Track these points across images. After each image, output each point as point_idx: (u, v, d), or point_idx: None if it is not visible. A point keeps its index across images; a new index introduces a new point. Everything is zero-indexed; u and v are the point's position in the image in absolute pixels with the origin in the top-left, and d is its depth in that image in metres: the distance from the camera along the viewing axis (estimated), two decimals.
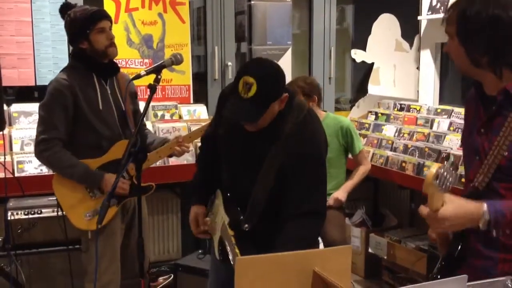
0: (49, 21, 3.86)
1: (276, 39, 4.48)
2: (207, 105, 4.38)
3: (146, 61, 4.16)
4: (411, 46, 4.86)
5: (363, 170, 3.76)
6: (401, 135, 4.24)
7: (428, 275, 3.56)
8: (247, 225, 2.15)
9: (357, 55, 4.99)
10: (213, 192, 2.39)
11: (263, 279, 1.40)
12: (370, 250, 4.18)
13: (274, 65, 2.12)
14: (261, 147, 2.12)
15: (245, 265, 1.41)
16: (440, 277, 1.67)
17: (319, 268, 1.43)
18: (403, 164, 3.87)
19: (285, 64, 4.45)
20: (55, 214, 2.87)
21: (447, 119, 4.11)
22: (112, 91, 2.83)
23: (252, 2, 4.38)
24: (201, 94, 4.49)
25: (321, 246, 3.23)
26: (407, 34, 4.87)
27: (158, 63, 2.56)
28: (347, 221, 4.15)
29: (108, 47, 2.74)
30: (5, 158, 3.23)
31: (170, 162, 3.79)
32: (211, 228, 2.36)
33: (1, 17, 3.75)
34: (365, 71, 5.06)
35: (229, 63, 4.41)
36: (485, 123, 1.72)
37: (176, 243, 4.25)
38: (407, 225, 4.47)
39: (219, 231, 2.30)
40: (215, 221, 2.37)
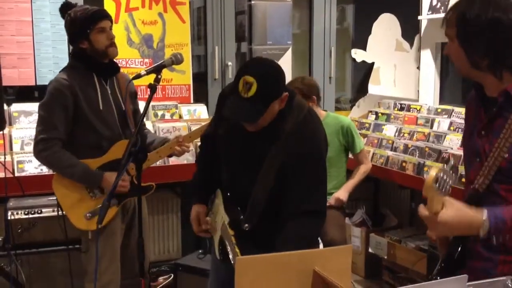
0: (49, 21, 3.86)
1: (276, 39, 4.48)
2: (207, 105, 4.38)
3: (146, 60, 4.16)
4: (411, 46, 4.86)
5: (364, 169, 3.75)
6: (402, 135, 4.24)
7: (428, 275, 3.57)
8: (247, 225, 2.15)
9: (358, 55, 4.99)
10: (213, 191, 2.39)
11: (263, 278, 1.40)
12: (370, 250, 4.18)
13: (274, 64, 2.11)
14: (261, 147, 2.12)
15: (245, 265, 1.41)
16: (440, 278, 1.66)
17: (319, 268, 1.42)
18: (404, 164, 3.87)
19: (285, 64, 4.45)
20: (55, 213, 2.87)
21: (447, 119, 4.11)
22: (112, 91, 2.83)
23: (252, 2, 4.38)
24: (201, 94, 4.48)
25: (321, 246, 3.22)
26: (408, 34, 4.87)
27: (158, 63, 2.56)
28: (347, 220, 4.15)
29: (108, 47, 2.74)
30: (5, 157, 3.23)
31: (170, 162, 3.79)
32: (212, 227, 2.36)
33: (2, 17, 3.75)
34: (365, 71, 5.05)
35: (229, 63, 4.41)
36: (485, 125, 1.71)
37: (176, 243, 4.25)
38: (407, 225, 4.47)
39: (219, 231, 2.30)
40: (215, 221, 2.37)
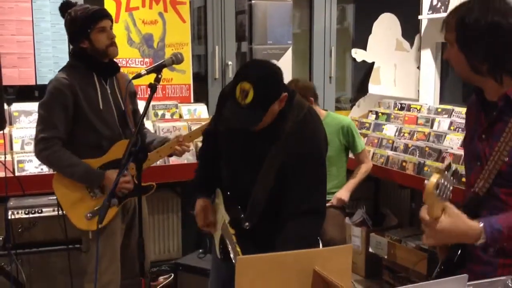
0: (49, 21, 3.85)
1: (276, 38, 4.48)
2: (207, 104, 4.38)
3: (146, 60, 4.16)
4: (411, 45, 4.86)
5: (365, 168, 3.76)
6: (402, 135, 4.23)
7: (428, 275, 3.57)
8: (247, 224, 2.15)
9: (358, 55, 4.99)
10: (215, 188, 2.39)
11: (264, 278, 1.40)
12: (370, 249, 4.18)
13: (270, 66, 2.09)
14: (261, 146, 2.12)
15: (246, 264, 1.41)
16: None
17: (319, 267, 1.43)
18: (404, 163, 3.87)
19: (285, 63, 4.45)
20: (56, 213, 2.87)
21: (447, 119, 4.11)
22: (112, 91, 2.83)
23: (252, 1, 4.38)
24: (201, 93, 4.48)
25: (321, 245, 3.22)
26: (408, 33, 4.87)
27: (158, 63, 2.55)
28: (347, 220, 4.15)
29: (109, 46, 2.73)
30: (5, 157, 3.23)
31: (170, 161, 3.79)
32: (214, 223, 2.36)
33: (2, 17, 3.75)
34: (365, 70, 5.05)
35: (230, 63, 4.41)
36: (486, 129, 1.72)
37: (176, 243, 4.25)
38: (407, 224, 4.46)
39: (220, 230, 2.31)
40: (216, 220, 2.37)
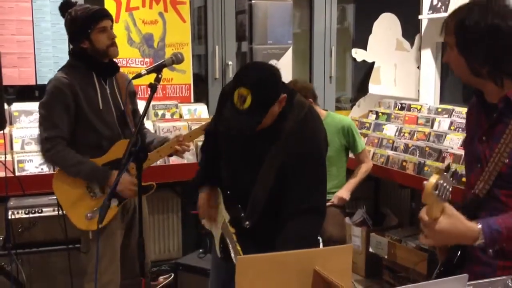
0: (49, 20, 3.85)
1: (276, 38, 4.48)
2: (207, 104, 4.38)
3: (146, 60, 4.15)
4: (411, 45, 4.86)
5: (365, 168, 3.76)
6: (402, 135, 4.23)
7: (428, 275, 3.57)
8: (248, 222, 2.14)
9: (358, 54, 4.98)
10: (217, 182, 2.38)
11: (264, 278, 1.40)
12: (370, 249, 4.18)
13: (267, 69, 2.08)
14: (261, 146, 2.12)
15: (246, 264, 1.41)
16: None
17: (319, 267, 1.43)
18: (404, 163, 3.87)
19: (285, 63, 4.46)
20: (56, 213, 2.86)
21: (447, 119, 4.11)
22: (111, 91, 2.82)
23: (252, 1, 4.38)
24: (201, 93, 4.48)
25: (321, 243, 3.22)
26: (408, 33, 4.86)
27: (158, 62, 2.55)
28: (347, 220, 4.15)
29: (109, 46, 2.72)
30: (5, 157, 3.23)
31: (170, 161, 3.79)
32: (214, 217, 2.36)
33: (2, 16, 3.75)
34: (365, 70, 5.05)
35: (230, 62, 4.41)
36: (486, 131, 1.72)
37: (176, 242, 4.25)
38: (407, 224, 4.46)
39: (220, 229, 2.30)
40: (216, 219, 2.37)
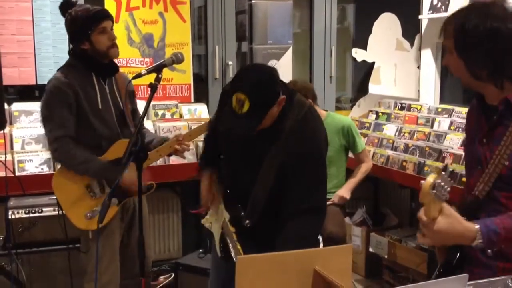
0: (50, 20, 3.85)
1: (276, 38, 4.48)
2: (207, 104, 4.38)
3: (146, 60, 4.15)
4: (412, 45, 4.85)
5: (365, 168, 3.77)
6: (402, 135, 4.23)
7: (428, 275, 3.57)
8: (248, 221, 2.14)
9: (358, 54, 4.98)
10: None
11: (264, 278, 1.40)
12: (370, 249, 4.18)
13: (265, 72, 2.08)
14: (261, 146, 2.12)
15: (246, 264, 1.41)
16: None
17: (319, 267, 1.43)
18: (404, 163, 3.87)
19: (285, 63, 4.46)
20: (56, 213, 2.87)
21: (447, 119, 4.10)
22: (110, 91, 2.82)
23: (253, 1, 4.38)
24: (201, 93, 4.48)
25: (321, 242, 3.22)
26: (408, 33, 4.86)
27: (158, 62, 2.55)
28: (347, 220, 4.15)
29: (110, 47, 2.72)
30: (5, 157, 3.23)
31: (170, 161, 3.79)
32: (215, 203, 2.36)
33: (2, 16, 3.75)
34: (366, 70, 5.05)
35: (230, 62, 4.41)
36: (486, 133, 1.72)
37: (176, 242, 4.25)
38: (407, 224, 4.46)
39: (220, 228, 2.30)
40: (216, 219, 2.37)
